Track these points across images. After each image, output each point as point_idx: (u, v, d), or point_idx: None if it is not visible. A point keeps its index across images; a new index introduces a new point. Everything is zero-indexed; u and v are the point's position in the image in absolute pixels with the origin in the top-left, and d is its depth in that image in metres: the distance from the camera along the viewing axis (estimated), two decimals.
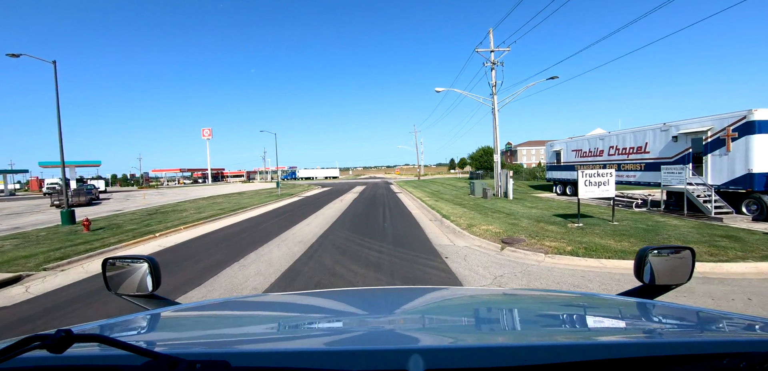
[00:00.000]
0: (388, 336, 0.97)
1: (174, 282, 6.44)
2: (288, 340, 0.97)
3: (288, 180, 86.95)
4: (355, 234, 10.70)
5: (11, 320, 5.10)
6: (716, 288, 5.41)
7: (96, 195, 32.99)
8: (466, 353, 0.69)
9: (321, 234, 10.96)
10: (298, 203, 22.96)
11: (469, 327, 1.12)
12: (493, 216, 13.05)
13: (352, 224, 12.74)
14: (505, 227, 10.71)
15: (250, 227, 13.24)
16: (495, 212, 14.09)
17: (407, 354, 0.65)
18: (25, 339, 0.59)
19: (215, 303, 1.67)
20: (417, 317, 1.22)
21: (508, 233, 9.79)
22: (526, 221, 11.67)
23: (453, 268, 6.92)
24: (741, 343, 0.75)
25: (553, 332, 1.03)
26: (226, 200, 27.17)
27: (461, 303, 1.47)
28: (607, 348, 0.72)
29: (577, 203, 11.57)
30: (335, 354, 0.70)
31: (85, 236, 11.97)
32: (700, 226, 9.90)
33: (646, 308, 1.17)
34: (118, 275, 1.46)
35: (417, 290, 1.88)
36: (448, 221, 12.39)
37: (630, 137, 16.96)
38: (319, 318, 1.27)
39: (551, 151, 23.98)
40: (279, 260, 7.95)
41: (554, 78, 19.22)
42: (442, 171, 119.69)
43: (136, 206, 23.98)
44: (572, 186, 21.57)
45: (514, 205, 16.60)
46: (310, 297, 1.69)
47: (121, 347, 0.62)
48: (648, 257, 1.38)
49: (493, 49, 21.02)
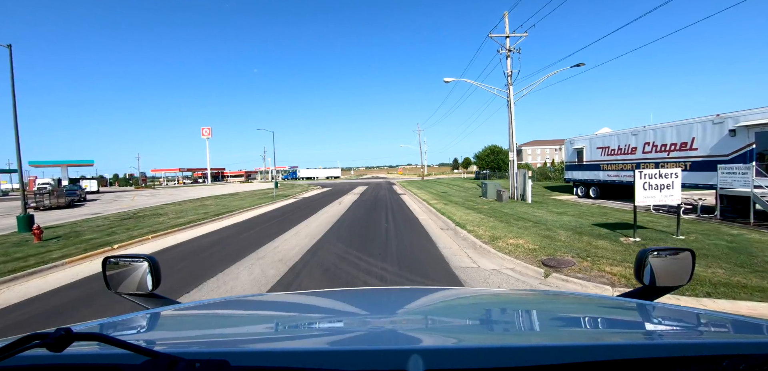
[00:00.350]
0: (388, 336, 0.96)
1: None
2: (287, 340, 0.97)
3: (288, 180, 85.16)
4: (351, 248, 8.58)
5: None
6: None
7: (81, 196, 31.09)
8: (465, 353, 0.69)
9: (309, 248, 8.85)
10: (292, 207, 20.91)
11: (469, 328, 1.10)
12: (518, 225, 10.87)
13: (349, 235, 10.61)
14: (539, 240, 8.53)
15: (228, 238, 11.14)
16: (519, 220, 11.91)
17: (407, 355, 0.65)
18: (25, 337, 0.59)
19: (215, 302, 1.67)
20: (417, 317, 1.21)
21: (547, 250, 7.61)
22: (563, 232, 9.48)
23: None
24: (741, 345, 0.75)
25: (553, 333, 1.02)
26: (215, 202, 25.16)
27: (461, 303, 1.46)
28: (606, 350, 0.70)
29: (633, 212, 9.20)
30: (335, 354, 0.70)
31: (32, 248, 9.96)
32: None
33: (646, 309, 1.17)
34: (118, 274, 1.45)
35: (417, 290, 1.89)
36: (464, 232, 10.22)
37: (671, 131, 14.70)
38: (319, 317, 1.26)
39: (572, 149, 21.74)
40: (243, 291, 5.85)
41: (580, 65, 17.02)
42: (445, 171, 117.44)
43: (117, 209, 22.02)
44: (597, 188, 19.36)
45: (538, 210, 14.41)
46: (310, 296, 1.70)
47: (121, 346, 0.62)
48: (648, 258, 1.37)
49: (509, 35, 18.85)
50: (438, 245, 9.01)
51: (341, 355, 0.69)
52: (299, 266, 7.20)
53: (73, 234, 12.26)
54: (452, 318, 1.23)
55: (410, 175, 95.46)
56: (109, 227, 14.03)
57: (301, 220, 14.95)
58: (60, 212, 21.20)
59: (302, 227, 12.78)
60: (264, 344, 0.89)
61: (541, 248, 7.77)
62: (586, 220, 11.58)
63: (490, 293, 2.01)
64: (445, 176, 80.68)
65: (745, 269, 5.87)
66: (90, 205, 26.73)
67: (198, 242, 10.45)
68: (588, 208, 14.91)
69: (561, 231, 9.63)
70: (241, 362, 0.64)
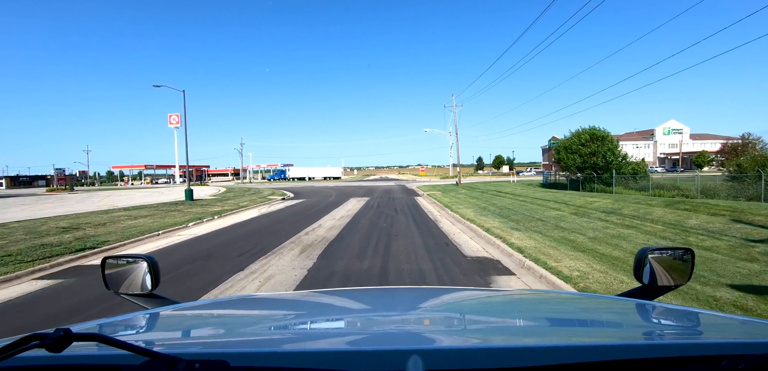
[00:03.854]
0: (388, 336, 0.96)
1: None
2: (287, 340, 0.97)
3: (275, 180, 70.10)
4: None
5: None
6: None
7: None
8: (465, 354, 0.70)
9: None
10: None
11: (469, 328, 1.06)
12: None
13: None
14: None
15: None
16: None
17: (407, 355, 0.65)
18: (24, 338, 0.59)
19: (215, 302, 1.72)
20: (417, 317, 1.19)
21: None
22: None
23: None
24: (740, 345, 0.75)
25: (552, 333, 1.02)
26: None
27: (462, 303, 1.45)
28: (605, 350, 0.70)
29: None
30: (334, 354, 0.70)
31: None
32: None
33: (644, 309, 1.17)
34: (117, 274, 1.44)
35: (418, 290, 1.88)
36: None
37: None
38: (319, 317, 1.25)
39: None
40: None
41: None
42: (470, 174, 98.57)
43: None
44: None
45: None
46: (310, 296, 1.69)
47: (120, 346, 0.62)
48: (647, 258, 1.36)
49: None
50: None
51: (340, 355, 0.69)
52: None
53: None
54: (452, 318, 1.21)
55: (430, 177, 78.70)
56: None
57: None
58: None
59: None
60: (263, 344, 0.88)
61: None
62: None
63: (490, 293, 1.98)
64: (483, 179, 63.71)
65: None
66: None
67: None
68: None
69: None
70: (241, 362, 0.64)
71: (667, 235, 8.76)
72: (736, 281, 5.13)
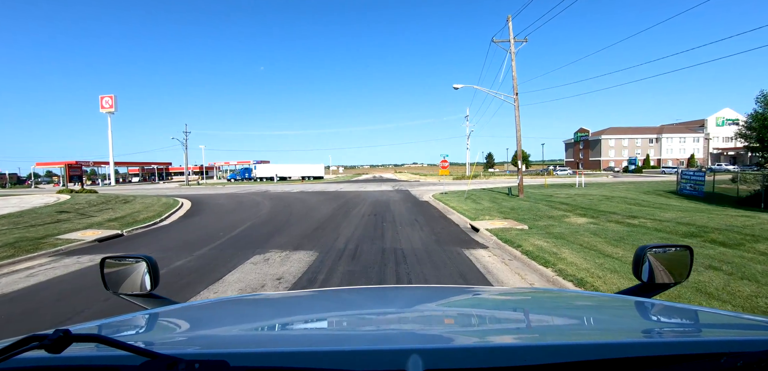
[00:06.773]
0: (388, 336, 0.95)
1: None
2: (287, 340, 0.96)
3: (237, 180, 54.97)
4: None
5: None
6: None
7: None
8: (465, 353, 0.69)
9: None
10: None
11: (469, 327, 1.09)
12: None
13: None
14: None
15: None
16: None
17: (406, 355, 0.64)
18: (23, 339, 0.58)
19: (215, 302, 1.70)
20: (418, 317, 1.19)
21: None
22: None
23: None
24: (739, 342, 0.74)
25: (552, 331, 1.01)
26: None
27: (462, 302, 1.44)
28: (605, 348, 0.70)
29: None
30: (334, 354, 0.69)
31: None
32: None
33: (643, 307, 1.16)
34: (116, 274, 1.41)
35: (418, 289, 1.87)
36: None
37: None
38: (319, 317, 1.24)
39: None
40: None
41: None
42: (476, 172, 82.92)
43: None
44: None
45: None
46: (310, 296, 1.67)
47: (120, 347, 0.61)
48: (646, 255, 1.35)
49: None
50: None
51: (340, 355, 0.68)
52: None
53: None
54: (453, 317, 1.21)
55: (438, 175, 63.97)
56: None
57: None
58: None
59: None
60: (264, 344, 0.88)
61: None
62: None
63: (489, 292, 2.00)
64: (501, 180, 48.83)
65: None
66: None
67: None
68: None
69: None
70: (240, 362, 0.64)
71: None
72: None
